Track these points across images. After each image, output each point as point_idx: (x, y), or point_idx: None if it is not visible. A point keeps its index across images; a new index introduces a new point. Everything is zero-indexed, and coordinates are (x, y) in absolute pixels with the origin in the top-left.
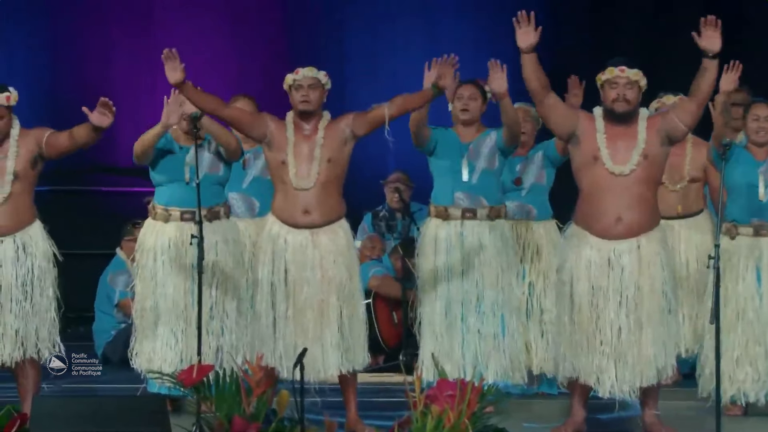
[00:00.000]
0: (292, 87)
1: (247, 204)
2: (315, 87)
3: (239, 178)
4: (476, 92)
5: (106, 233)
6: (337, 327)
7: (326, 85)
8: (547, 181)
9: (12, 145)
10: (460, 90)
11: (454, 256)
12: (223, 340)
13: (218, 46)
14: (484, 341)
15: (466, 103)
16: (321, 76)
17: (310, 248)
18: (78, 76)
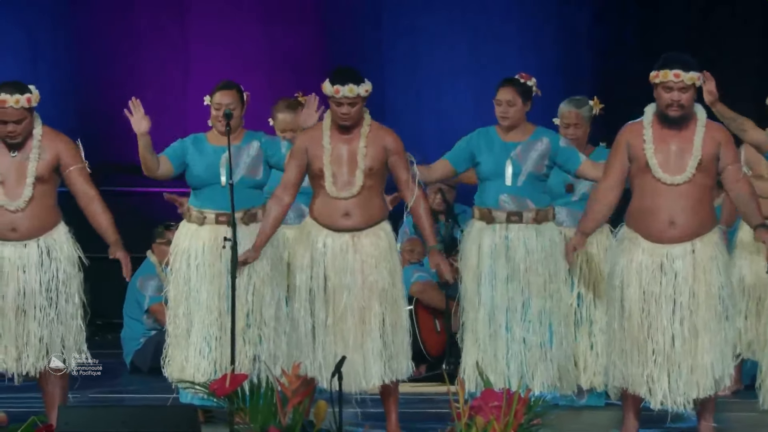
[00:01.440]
0: (331, 100)
1: (296, 211)
2: (355, 103)
3: None
4: (514, 96)
5: (135, 236)
6: (380, 335)
7: (368, 93)
8: None
9: (35, 146)
10: (499, 94)
11: (499, 261)
12: (260, 348)
13: (251, 42)
14: (530, 351)
15: (504, 110)
16: (362, 90)
17: (350, 252)
18: (104, 73)
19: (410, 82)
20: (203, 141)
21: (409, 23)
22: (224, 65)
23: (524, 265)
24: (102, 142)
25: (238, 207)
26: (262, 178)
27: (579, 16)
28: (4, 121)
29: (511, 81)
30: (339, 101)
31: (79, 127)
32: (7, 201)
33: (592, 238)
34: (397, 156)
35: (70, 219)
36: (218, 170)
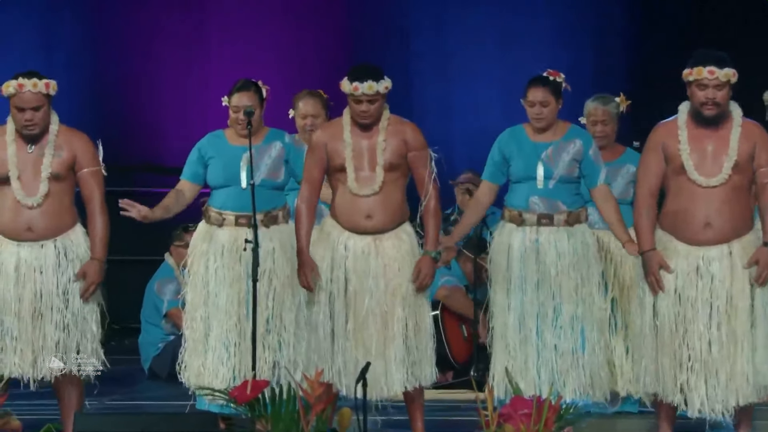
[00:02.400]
0: (350, 97)
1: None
2: (375, 100)
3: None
4: (547, 95)
5: (153, 238)
6: (403, 340)
7: (387, 90)
8: (634, 195)
9: (50, 141)
10: (530, 95)
11: (529, 264)
12: (280, 354)
13: (275, 36)
14: (561, 357)
15: (538, 111)
16: (381, 87)
17: (372, 255)
18: (122, 71)
19: (437, 78)
20: (222, 139)
21: (436, 17)
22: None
23: (555, 269)
24: (119, 141)
25: (259, 209)
26: (283, 180)
27: (612, 11)
28: (22, 107)
29: (542, 80)
30: (358, 99)
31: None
32: (24, 196)
33: None
34: (416, 150)
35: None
36: (238, 171)
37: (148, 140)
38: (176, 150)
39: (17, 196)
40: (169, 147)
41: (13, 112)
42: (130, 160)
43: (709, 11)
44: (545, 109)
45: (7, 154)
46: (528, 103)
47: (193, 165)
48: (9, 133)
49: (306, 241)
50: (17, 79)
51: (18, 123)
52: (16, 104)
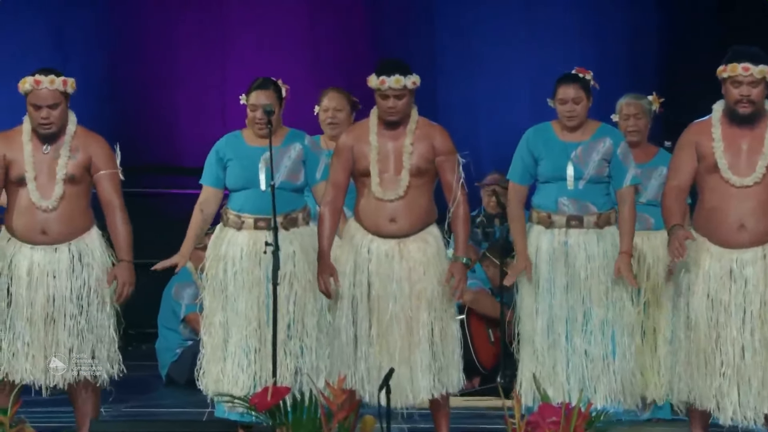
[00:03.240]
0: (377, 93)
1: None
2: (402, 96)
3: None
4: (580, 92)
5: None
6: (428, 346)
7: (415, 86)
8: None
9: (66, 142)
10: (561, 93)
11: (557, 267)
12: (302, 361)
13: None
14: (591, 363)
15: (571, 109)
16: (408, 82)
17: (396, 259)
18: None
19: (464, 77)
20: (240, 140)
21: (463, 14)
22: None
23: (585, 272)
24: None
25: (278, 211)
26: (303, 182)
27: (643, 5)
28: (38, 105)
29: (573, 77)
30: (385, 93)
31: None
32: (39, 198)
33: (655, 241)
34: (445, 155)
35: (103, 223)
36: (257, 173)
37: (164, 140)
38: (194, 150)
39: (32, 198)
40: (186, 147)
41: (29, 109)
42: (147, 161)
43: (743, 7)
44: (578, 107)
45: (23, 155)
46: (559, 101)
47: (213, 168)
48: (25, 133)
49: (327, 245)
50: (34, 76)
51: (34, 121)
52: (32, 101)
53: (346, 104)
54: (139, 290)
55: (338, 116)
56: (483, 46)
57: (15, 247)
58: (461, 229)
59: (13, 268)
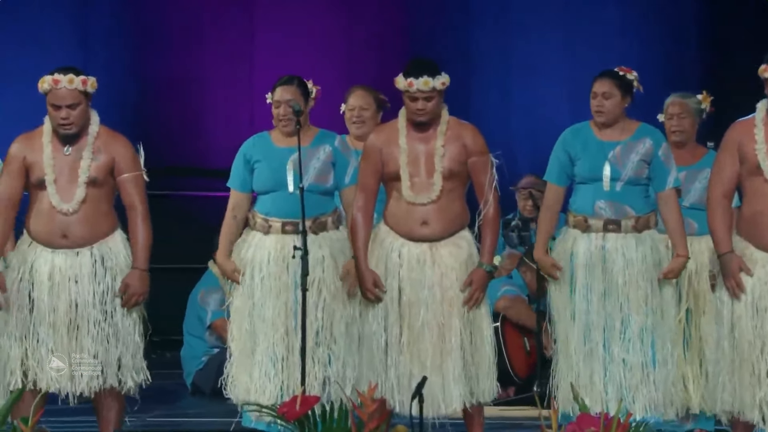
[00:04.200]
0: (405, 95)
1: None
2: (431, 97)
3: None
4: (612, 87)
5: (196, 244)
6: (460, 354)
7: (444, 87)
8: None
9: (89, 143)
10: (594, 86)
11: (594, 273)
12: (330, 369)
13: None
14: (630, 372)
15: (599, 103)
16: (437, 83)
17: (428, 264)
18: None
19: (499, 76)
20: (267, 141)
21: (498, 11)
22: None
23: (623, 278)
24: (160, 142)
25: (307, 214)
26: (332, 184)
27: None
28: (57, 105)
29: (606, 73)
30: (413, 95)
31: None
32: (59, 201)
33: (699, 247)
34: (477, 156)
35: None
36: (285, 174)
37: (191, 141)
38: (221, 151)
39: (52, 201)
40: (213, 148)
41: (49, 109)
42: (172, 162)
43: None
44: (607, 102)
45: (43, 156)
46: (591, 94)
47: (240, 171)
48: (45, 134)
49: (364, 253)
50: (53, 75)
51: (54, 121)
52: (51, 101)
53: (372, 102)
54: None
55: (364, 115)
56: (519, 44)
57: (36, 251)
58: (489, 234)
59: (34, 272)
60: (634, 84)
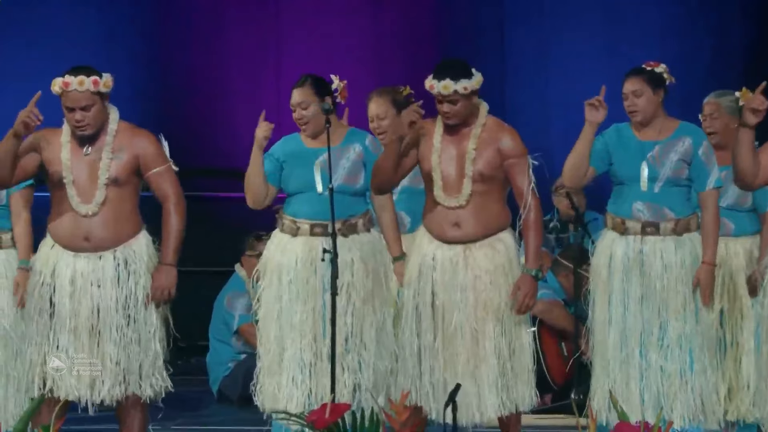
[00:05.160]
0: (434, 96)
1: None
2: (455, 101)
3: None
4: (641, 84)
5: (223, 247)
6: (495, 361)
7: (467, 91)
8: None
9: (108, 142)
10: (623, 87)
11: (632, 277)
12: (360, 376)
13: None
14: (668, 380)
15: (631, 103)
16: (459, 87)
17: (461, 266)
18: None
19: (535, 74)
20: (297, 141)
21: (535, 7)
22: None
23: (661, 282)
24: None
25: (336, 216)
26: (363, 185)
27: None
28: (71, 107)
29: (633, 70)
30: (437, 98)
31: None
32: (79, 204)
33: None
34: (514, 158)
35: (151, 228)
36: (313, 175)
37: (218, 141)
38: (247, 151)
39: (72, 204)
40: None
41: (64, 111)
42: (197, 163)
43: None
44: (638, 100)
45: (62, 157)
46: (622, 96)
47: (269, 168)
48: (65, 134)
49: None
50: (63, 77)
51: (69, 123)
52: (64, 104)
53: (390, 107)
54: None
55: (382, 125)
56: (556, 42)
57: (58, 254)
58: (531, 238)
59: (55, 277)
60: (664, 76)
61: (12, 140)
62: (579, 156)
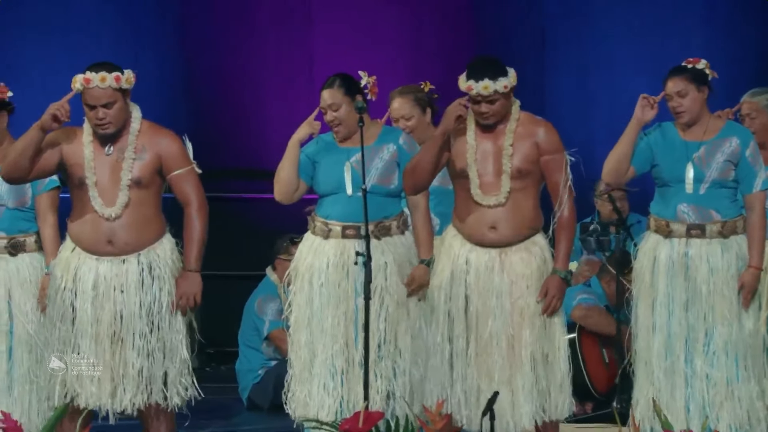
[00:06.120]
0: (469, 95)
1: None
2: (494, 100)
3: None
4: (685, 83)
5: (253, 250)
6: (531, 368)
7: (507, 89)
8: None
9: (131, 141)
10: (666, 88)
11: (677, 281)
12: (394, 383)
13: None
14: (714, 388)
15: (677, 103)
16: (499, 86)
17: (497, 271)
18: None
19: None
20: (331, 141)
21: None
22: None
23: (707, 286)
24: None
25: (369, 218)
26: (398, 185)
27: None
28: (92, 105)
29: (676, 69)
30: (475, 99)
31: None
32: (101, 206)
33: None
34: (550, 155)
35: (176, 231)
36: (343, 175)
37: (248, 141)
38: (280, 152)
39: (94, 206)
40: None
41: (85, 109)
42: (229, 164)
43: None
44: (684, 100)
45: (84, 156)
46: (666, 96)
47: (303, 165)
48: (86, 133)
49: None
50: (85, 73)
51: (90, 122)
52: (85, 101)
53: (414, 107)
54: (218, 305)
55: (408, 125)
56: (597, 35)
57: (80, 258)
58: (564, 238)
59: (77, 281)
60: (706, 72)
61: (37, 132)
62: (621, 153)
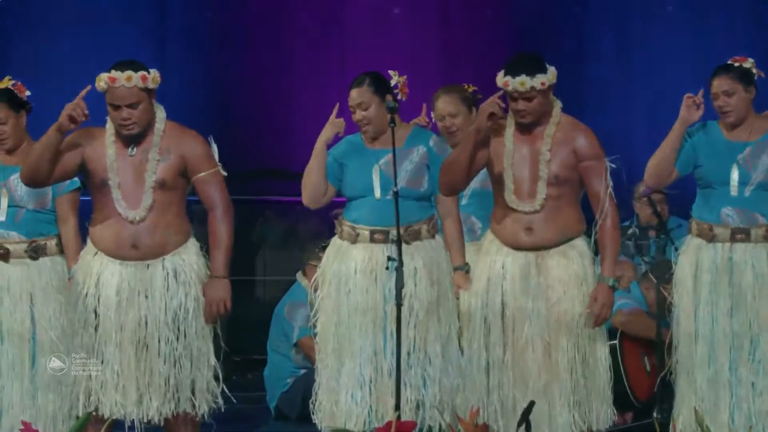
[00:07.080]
0: (507, 93)
1: (465, 225)
2: (531, 97)
3: None
4: (731, 82)
5: (282, 255)
6: (569, 376)
7: (545, 86)
8: None
9: (155, 143)
10: (712, 87)
11: (720, 287)
12: (424, 392)
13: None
14: (759, 398)
15: (723, 102)
16: (536, 83)
17: (533, 275)
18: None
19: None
20: (359, 143)
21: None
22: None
23: (752, 292)
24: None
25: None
26: (427, 189)
27: None
28: (116, 105)
29: (722, 68)
30: (512, 95)
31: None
32: (125, 208)
33: None
34: (589, 161)
35: (202, 234)
36: (371, 178)
37: (276, 142)
38: (309, 153)
39: (118, 208)
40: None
41: (109, 109)
42: (257, 165)
43: None
44: (730, 99)
45: (106, 157)
46: (712, 96)
47: (331, 167)
48: (109, 134)
49: None
50: (110, 72)
51: (114, 122)
52: (109, 101)
53: (461, 105)
54: (246, 311)
55: (455, 123)
56: (639, 35)
57: (102, 263)
58: (608, 246)
59: (100, 287)
60: (753, 71)
61: (54, 134)
62: (666, 155)
